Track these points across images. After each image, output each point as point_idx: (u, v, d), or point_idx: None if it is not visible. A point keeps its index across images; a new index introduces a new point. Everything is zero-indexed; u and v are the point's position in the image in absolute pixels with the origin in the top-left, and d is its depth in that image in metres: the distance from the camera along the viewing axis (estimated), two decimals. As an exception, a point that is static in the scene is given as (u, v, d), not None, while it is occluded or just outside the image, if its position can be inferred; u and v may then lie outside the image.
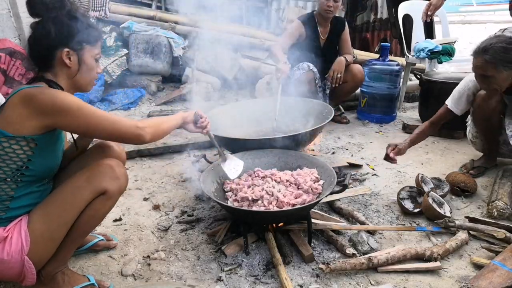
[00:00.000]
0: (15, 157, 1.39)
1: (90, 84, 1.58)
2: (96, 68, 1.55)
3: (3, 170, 1.39)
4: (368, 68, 3.87)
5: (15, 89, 1.39)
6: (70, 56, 1.46)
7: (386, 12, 5.72)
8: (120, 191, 1.56)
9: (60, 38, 1.42)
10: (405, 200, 2.32)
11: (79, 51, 1.48)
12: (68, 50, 1.45)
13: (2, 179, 1.40)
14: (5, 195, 1.43)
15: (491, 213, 2.19)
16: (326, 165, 2.13)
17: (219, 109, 2.99)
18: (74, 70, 1.49)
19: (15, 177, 1.42)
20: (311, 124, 2.74)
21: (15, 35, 4.27)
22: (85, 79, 1.53)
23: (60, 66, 1.47)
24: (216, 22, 5.21)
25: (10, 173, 1.40)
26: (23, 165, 1.41)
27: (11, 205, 1.44)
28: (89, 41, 1.49)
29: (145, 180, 2.78)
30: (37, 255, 1.45)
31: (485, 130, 2.55)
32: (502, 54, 2.04)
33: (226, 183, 2.13)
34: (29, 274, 1.46)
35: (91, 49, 1.51)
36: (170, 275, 1.81)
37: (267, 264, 1.84)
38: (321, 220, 2.10)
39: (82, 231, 1.57)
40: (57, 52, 1.44)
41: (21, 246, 1.41)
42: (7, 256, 1.40)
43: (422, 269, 1.80)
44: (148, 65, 4.68)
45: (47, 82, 1.44)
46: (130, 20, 4.85)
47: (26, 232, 1.42)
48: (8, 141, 1.36)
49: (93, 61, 1.53)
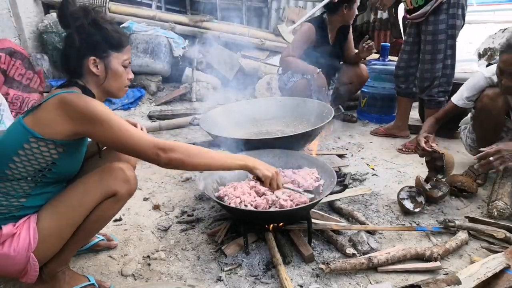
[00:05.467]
0: (41, 158, 1.40)
1: (120, 90, 1.57)
2: (125, 74, 1.55)
3: (26, 169, 1.40)
4: (368, 68, 3.87)
5: (52, 92, 1.41)
6: (97, 64, 1.47)
7: (386, 12, 5.72)
8: (129, 195, 1.57)
9: (85, 47, 1.44)
10: (405, 200, 2.32)
11: (106, 59, 1.48)
12: (95, 59, 1.46)
13: (24, 177, 1.41)
14: (23, 192, 1.44)
15: (491, 213, 2.19)
16: (326, 164, 2.13)
17: (219, 109, 2.99)
18: (101, 78, 1.50)
19: (36, 177, 1.43)
20: (311, 124, 2.74)
21: (15, 35, 4.28)
22: (113, 86, 1.54)
23: (89, 74, 1.48)
24: (216, 22, 5.24)
25: (32, 172, 1.42)
26: (46, 167, 1.43)
27: (26, 204, 1.45)
28: (115, 48, 1.49)
29: (145, 180, 2.78)
30: (42, 252, 1.46)
31: (487, 132, 2.50)
32: None
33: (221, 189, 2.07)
34: (32, 271, 1.47)
35: (118, 55, 1.51)
36: (170, 275, 1.81)
37: (267, 264, 1.84)
38: (321, 220, 2.10)
39: (88, 232, 1.58)
40: (85, 61, 1.45)
41: (28, 243, 1.42)
42: (14, 252, 1.41)
43: (422, 269, 1.80)
44: (148, 65, 4.68)
45: (80, 87, 1.46)
46: (130, 20, 4.85)
47: (34, 229, 1.43)
48: (37, 142, 1.38)
49: (121, 67, 1.52)
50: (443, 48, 2.93)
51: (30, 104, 3.31)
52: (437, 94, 3.04)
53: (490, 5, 11.18)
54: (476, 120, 2.52)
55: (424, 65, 3.03)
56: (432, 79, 3.01)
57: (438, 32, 2.89)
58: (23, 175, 1.41)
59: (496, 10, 10.83)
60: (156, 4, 5.55)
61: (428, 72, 3.01)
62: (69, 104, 1.36)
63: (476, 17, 10.12)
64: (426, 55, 2.99)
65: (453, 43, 2.96)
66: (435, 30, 2.89)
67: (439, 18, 2.86)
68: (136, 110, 4.39)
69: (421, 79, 3.08)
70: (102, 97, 1.56)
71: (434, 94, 3.04)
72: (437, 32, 2.89)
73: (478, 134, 2.57)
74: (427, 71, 3.01)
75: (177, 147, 1.46)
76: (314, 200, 1.86)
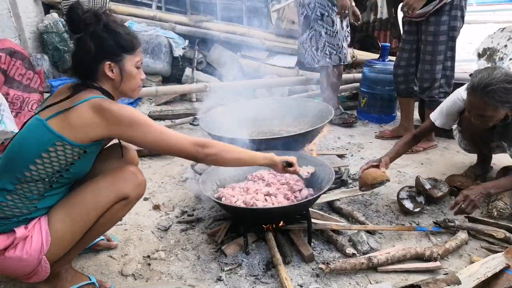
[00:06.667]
0: (63, 160, 1.41)
1: (135, 91, 1.60)
2: (138, 75, 1.57)
3: (46, 170, 1.40)
4: (368, 68, 3.87)
5: (83, 97, 1.41)
6: (112, 68, 1.48)
7: (386, 12, 5.72)
8: (139, 198, 1.60)
9: (101, 52, 1.44)
10: (405, 200, 2.33)
11: (120, 62, 1.49)
12: (110, 63, 1.47)
13: (42, 178, 1.41)
14: (38, 194, 1.43)
15: (491, 213, 2.19)
16: (325, 163, 2.13)
17: (219, 109, 2.99)
18: (117, 81, 1.51)
19: (54, 178, 1.44)
20: (311, 124, 2.74)
21: (15, 35, 4.28)
22: (128, 87, 1.56)
23: (105, 78, 1.49)
24: (216, 22, 5.24)
25: (51, 173, 1.42)
26: (65, 168, 1.43)
27: (38, 205, 1.45)
28: (129, 50, 1.50)
29: (145, 180, 2.78)
30: (53, 254, 1.47)
31: (477, 143, 2.50)
32: (503, 96, 1.91)
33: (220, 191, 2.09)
34: (43, 272, 1.48)
35: (131, 57, 1.52)
36: (170, 275, 1.81)
37: (267, 264, 1.84)
38: (321, 220, 2.10)
39: (96, 233, 1.60)
40: (100, 66, 1.46)
41: (41, 245, 1.43)
42: (26, 255, 1.41)
43: (422, 269, 1.80)
44: (148, 65, 4.69)
45: (101, 90, 1.48)
46: (130, 20, 4.86)
47: (47, 231, 1.44)
48: (64, 145, 1.38)
49: (135, 69, 1.54)
50: (443, 49, 2.93)
51: (31, 104, 3.30)
52: (437, 95, 3.03)
53: (490, 5, 11.16)
54: (464, 134, 2.52)
55: (424, 66, 3.02)
56: (432, 80, 3.01)
57: (439, 33, 2.88)
58: (41, 176, 1.41)
59: (496, 10, 10.82)
60: (156, 4, 5.55)
61: (428, 73, 3.01)
62: (105, 109, 1.38)
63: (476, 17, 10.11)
64: (426, 55, 2.98)
65: (453, 45, 2.96)
66: (436, 31, 2.88)
67: (441, 19, 2.85)
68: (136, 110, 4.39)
69: (421, 80, 3.07)
70: (117, 98, 1.58)
71: (435, 95, 3.04)
72: (438, 33, 2.88)
73: (470, 143, 2.58)
74: (427, 71, 3.01)
75: (212, 144, 1.56)
76: (313, 196, 1.86)
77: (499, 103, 1.93)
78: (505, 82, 1.91)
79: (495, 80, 1.91)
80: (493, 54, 4.62)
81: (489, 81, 1.91)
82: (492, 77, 1.92)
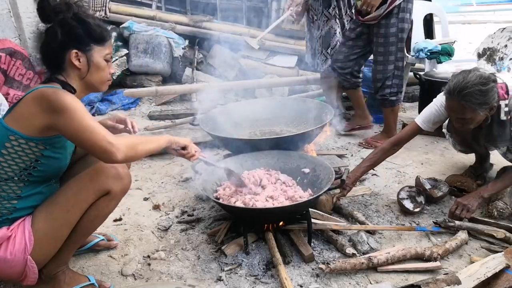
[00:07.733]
0: (24, 156, 1.40)
1: (103, 83, 1.57)
2: (107, 68, 1.55)
3: (11, 168, 1.41)
4: (368, 68, 3.87)
5: (31, 88, 1.41)
6: (79, 57, 1.46)
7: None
8: (124, 191, 1.57)
9: (68, 40, 1.43)
10: (405, 200, 2.33)
11: (88, 52, 1.48)
12: (77, 52, 1.45)
13: (10, 177, 1.42)
14: (13, 193, 1.44)
15: (491, 213, 2.19)
16: (324, 163, 2.13)
17: (219, 109, 2.99)
18: (84, 71, 1.49)
19: (23, 176, 1.43)
20: (311, 124, 2.74)
21: (15, 35, 4.27)
22: (96, 79, 1.53)
23: (71, 67, 1.48)
24: (216, 22, 5.24)
25: (18, 171, 1.42)
26: (31, 165, 1.43)
27: (18, 205, 1.45)
28: (98, 41, 1.49)
29: (145, 180, 2.78)
30: (39, 254, 1.47)
31: (470, 144, 2.47)
32: (480, 98, 1.93)
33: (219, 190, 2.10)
34: (31, 273, 1.47)
35: (100, 49, 1.50)
36: (170, 275, 1.81)
37: (267, 264, 1.84)
38: (321, 220, 2.10)
39: (85, 231, 1.59)
40: (66, 54, 1.45)
41: (24, 245, 1.42)
42: (10, 256, 1.41)
43: (422, 269, 1.80)
44: (148, 65, 4.69)
45: (60, 82, 1.46)
46: (130, 20, 4.85)
47: (30, 231, 1.44)
48: (17, 140, 1.38)
49: (103, 61, 1.53)
50: (394, 50, 3.06)
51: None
52: (389, 94, 3.16)
53: (490, 5, 11.16)
54: (456, 137, 2.51)
55: (377, 66, 3.16)
56: (384, 79, 3.13)
57: (389, 34, 3.01)
58: (9, 174, 1.41)
59: (496, 10, 10.81)
60: (156, 4, 5.54)
61: (380, 73, 3.14)
62: (43, 97, 1.35)
63: (476, 17, 10.11)
64: (378, 56, 3.11)
65: (402, 46, 3.11)
66: (386, 33, 3.01)
67: (390, 22, 2.97)
68: (136, 110, 4.39)
69: (374, 80, 3.21)
70: (85, 91, 1.55)
71: (386, 94, 3.17)
72: (388, 35, 3.01)
73: (463, 145, 2.56)
74: (379, 72, 3.14)
75: (122, 139, 1.43)
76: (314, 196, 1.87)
77: (477, 106, 1.95)
78: (480, 85, 1.93)
79: (470, 83, 1.93)
80: (493, 54, 4.63)
81: (464, 85, 1.93)
82: (467, 81, 1.94)
